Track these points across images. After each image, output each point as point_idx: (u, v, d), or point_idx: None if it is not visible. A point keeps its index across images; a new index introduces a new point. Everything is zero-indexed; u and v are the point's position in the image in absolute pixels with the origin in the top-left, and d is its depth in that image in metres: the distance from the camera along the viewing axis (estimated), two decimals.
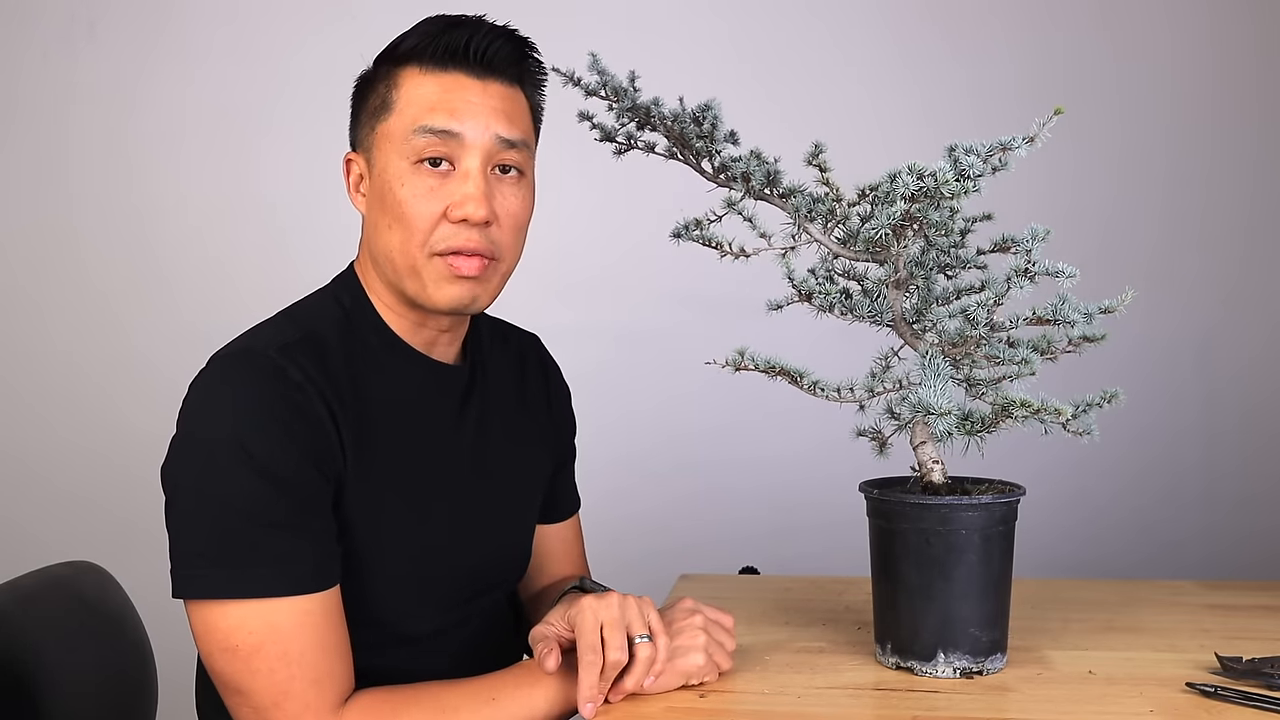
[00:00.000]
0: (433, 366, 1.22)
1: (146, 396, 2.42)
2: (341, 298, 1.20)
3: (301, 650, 1.05)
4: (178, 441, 1.08)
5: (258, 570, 1.04)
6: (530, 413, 1.35)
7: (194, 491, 1.06)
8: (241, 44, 2.41)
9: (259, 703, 1.05)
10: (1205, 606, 1.45)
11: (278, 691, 1.05)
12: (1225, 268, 2.30)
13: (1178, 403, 2.30)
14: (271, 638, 1.04)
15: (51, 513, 2.45)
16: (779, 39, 2.35)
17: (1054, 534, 2.20)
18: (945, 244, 1.22)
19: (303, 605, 1.06)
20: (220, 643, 1.05)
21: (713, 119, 1.21)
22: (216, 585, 1.04)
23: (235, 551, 1.04)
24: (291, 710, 1.05)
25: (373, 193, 1.17)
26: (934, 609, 1.17)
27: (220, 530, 1.04)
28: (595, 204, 2.33)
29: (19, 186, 2.46)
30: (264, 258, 2.35)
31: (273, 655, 1.04)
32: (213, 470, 1.05)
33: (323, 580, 1.08)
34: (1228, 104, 2.30)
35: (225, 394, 1.07)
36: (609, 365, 2.36)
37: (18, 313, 2.47)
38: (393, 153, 1.14)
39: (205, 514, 1.05)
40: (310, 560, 1.07)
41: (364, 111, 1.19)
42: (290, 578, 1.05)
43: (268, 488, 1.05)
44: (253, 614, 1.04)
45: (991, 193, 1.11)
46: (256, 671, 1.04)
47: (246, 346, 1.11)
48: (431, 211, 1.13)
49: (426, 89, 1.14)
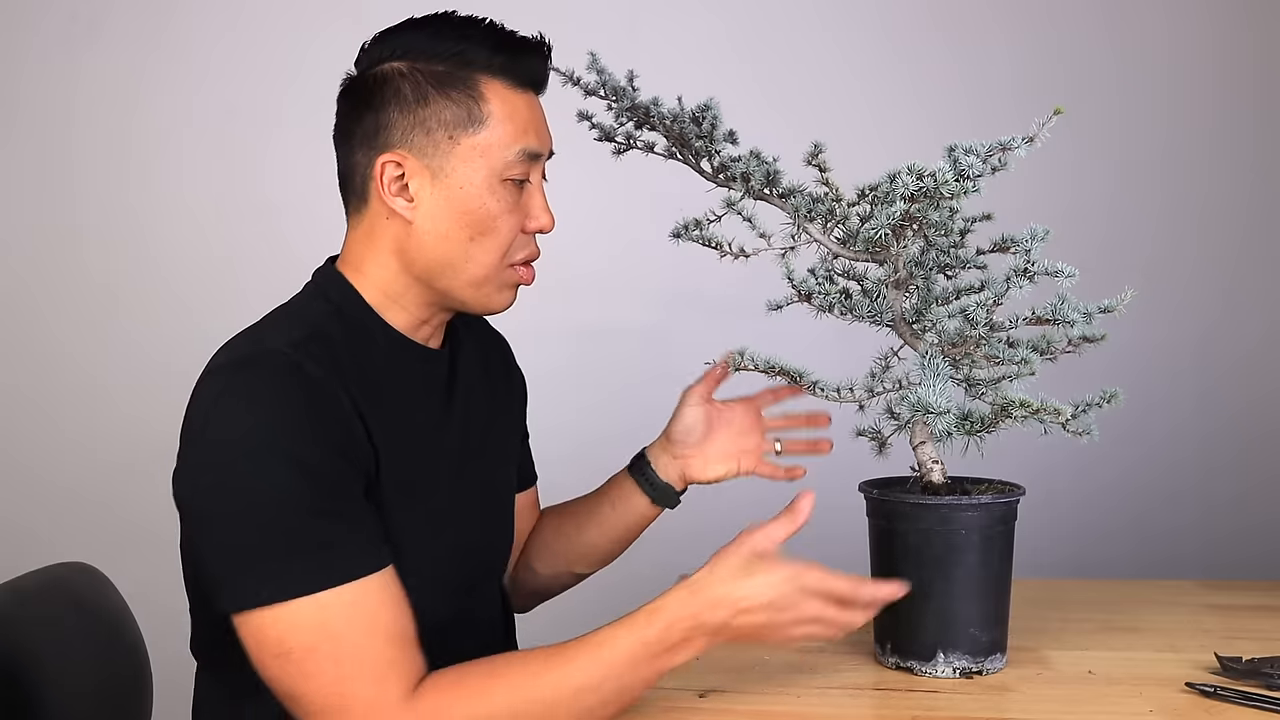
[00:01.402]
0: (426, 354, 1.23)
1: (147, 397, 2.42)
2: (329, 295, 1.18)
3: (356, 644, 1.02)
4: (194, 453, 1.05)
5: (302, 565, 1.01)
6: (495, 385, 1.36)
7: (223, 498, 1.03)
8: (243, 44, 2.41)
9: (319, 707, 1.02)
10: (1205, 606, 1.45)
11: (336, 693, 1.01)
12: (1224, 267, 2.30)
13: (1177, 403, 2.30)
14: (324, 636, 1.01)
15: (49, 513, 2.45)
16: (778, 39, 2.35)
17: (1054, 534, 2.20)
18: (945, 244, 1.22)
19: (353, 594, 1.02)
20: (273, 649, 1.02)
21: (712, 119, 1.21)
22: (263, 591, 1.01)
23: (278, 550, 1.01)
24: (355, 709, 1.01)
25: (441, 201, 1.14)
26: (933, 609, 1.17)
27: (258, 532, 1.02)
28: (595, 204, 2.33)
29: (20, 186, 2.46)
30: (266, 257, 2.35)
31: (326, 656, 1.01)
32: (241, 472, 1.02)
33: (370, 563, 1.04)
34: (1227, 104, 2.29)
35: (241, 395, 1.05)
36: (609, 365, 2.36)
37: (18, 312, 2.47)
38: (484, 166, 1.14)
39: (239, 520, 1.02)
40: (353, 545, 1.04)
41: (421, 115, 1.14)
42: (336, 567, 1.02)
43: (300, 479, 1.02)
44: (303, 613, 1.01)
45: (991, 192, 1.11)
46: (311, 675, 1.01)
47: (257, 348, 1.09)
48: (515, 224, 1.17)
49: (518, 108, 1.16)
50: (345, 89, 1.20)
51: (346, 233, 1.21)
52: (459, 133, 1.14)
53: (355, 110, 1.18)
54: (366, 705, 1.02)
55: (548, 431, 1.46)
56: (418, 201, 1.15)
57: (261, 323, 1.16)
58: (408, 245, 1.16)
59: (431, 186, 1.14)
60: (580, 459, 1.61)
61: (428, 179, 1.14)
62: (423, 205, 1.15)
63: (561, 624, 1.47)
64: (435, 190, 1.14)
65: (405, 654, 1.04)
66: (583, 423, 2.25)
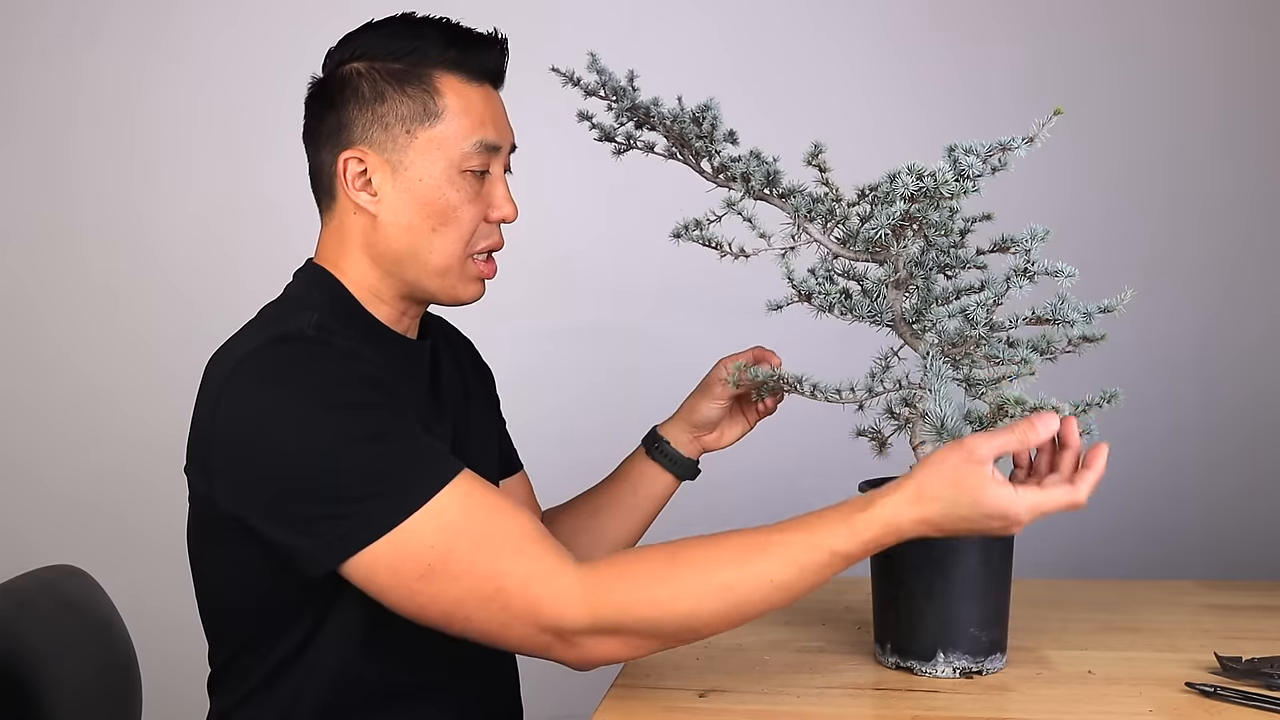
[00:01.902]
0: (410, 345, 1.26)
1: (146, 399, 2.42)
2: (320, 290, 1.21)
3: (484, 529, 1.03)
4: (247, 442, 1.06)
5: (411, 477, 1.03)
6: (469, 379, 1.38)
7: (299, 465, 1.04)
8: (243, 43, 2.41)
9: (481, 601, 1.02)
10: (1205, 606, 1.45)
11: (489, 582, 1.02)
12: (1224, 268, 2.30)
13: (1177, 401, 2.30)
14: (450, 536, 1.02)
15: (42, 516, 2.44)
16: (778, 39, 2.35)
17: (1054, 534, 2.20)
18: (945, 244, 1.22)
19: (459, 489, 1.04)
20: (413, 574, 1.02)
21: (712, 119, 1.21)
22: (378, 518, 1.02)
23: (375, 482, 1.03)
24: (514, 587, 1.02)
25: (403, 194, 1.18)
26: (933, 609, 1.17)
27: (348, 476, 1.03)
28: (594, 204, 2.33)
29: (20, 186, 2.46)
30: (267, 257, 2.33)
31: (462, 552, 1.02)
32: (306, 431, 1.04)
33: (455, 461, 1.07)
34: (1228, 103, 2.29)
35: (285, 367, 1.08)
36: (609, 365, 2.36)
37: (16, 314, 2.46)
38: (443, 159, 1.18)
39: (324, 475, 1.03)
40: (436, 450, 1.07)
41: (379, 111, 1.18)
42: (432, 472, 1.04)
43: (362, 412, 1.05)
44: (425, 526, 1.02)
45: (991, 193, 1.11)
46: (458, 576, 1.02)
47: (282, 330, 1.11)
48: (477, 214, 1.20)
49: (474, 101, 1.20)
50: (311, 91, 1.24)
51: (320, 231, 1.25)
52: (416, 127, 1.18)
53: (319, 111, 1.22)
54: (525, 578, 1.02)
55: (547, 431, 1.47)
56: (380, 195, 1.19)
57: (266, 319, 1.18)
58: (375, 238, 1.20)
59: (393, 180, 1.18)
60: (580, 459, 1.61)
61: (389, 173, 1.18)
62: (386, 198, 1.19)
63: None
64: (396, 183, 1.18)
65: (538, 527, 1.06)
66: (583, 423, 2.26)
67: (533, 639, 1.04)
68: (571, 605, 1.02)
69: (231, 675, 1.19)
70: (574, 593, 1.02)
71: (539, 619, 1.02)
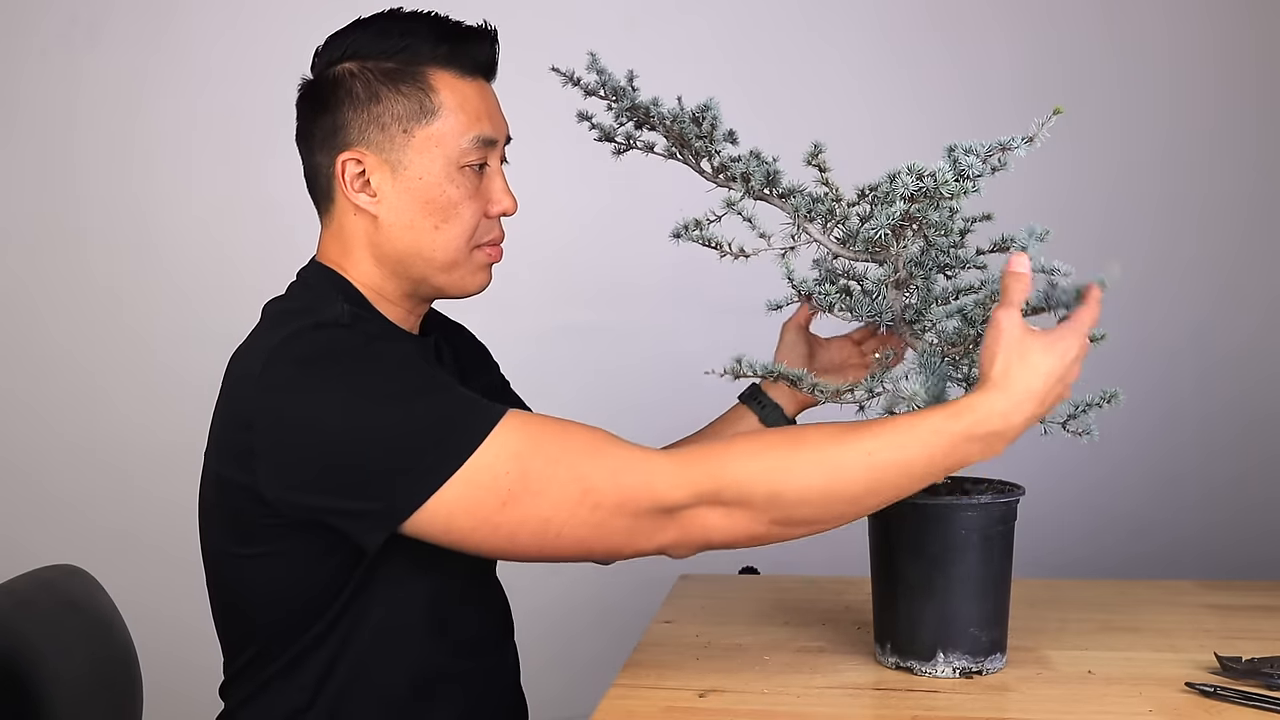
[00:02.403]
0: (421, 342, 1.26)
1: (149, 401, 2.42)
2: (333, 288, 1.20)
3: (555, 443, 1.04)
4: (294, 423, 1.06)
5: (466, 419, 1.05)
6: (465, 362, 1.38)
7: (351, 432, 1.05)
8: (243, 44, 2.41)
9: (570, 509, 1.03)
10: (1205, 606, 1.45)
11: (576, 483, 1.02)
12: (1222, 267, 2.30)
13: (1175, 400, 2.30)
14: (524, 459, 1.03)
15: (43, 517, 2.44)
16: (778, 39, 2.35)
17: (1053, 534, 2.20)
18: (945, 244, 1.22)
19: (516, 420, 1.05)
20: (494, 504, 1.02)
21: (712, 119, 1.21)
22: (443, 461, 1.03)
23: (431, 433, 1.04)
24: (602, 483, 1.03)
25: (403, 193, 1.18)
26: (933, 609, 1.17)
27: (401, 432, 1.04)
28: (594, 204, 2.33)
29: (22, 188, 2.46)
30: (269, 257, 2.33)
31: (540, 466, 1.03)
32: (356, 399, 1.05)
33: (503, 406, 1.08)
34: (1227, 103, 2.29)
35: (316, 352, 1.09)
36: (609, 365, 2.36)
37: (18, 315, 2.47)
38: (441, 156, 1.18)
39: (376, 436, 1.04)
40: (479, 397, 1.08)
41: (374, 111, 1.17)
42: (486, 411, 1.05)
43: (409, 373, 1.08)
44: (492, 459, 1.03)
45: (991, 193, 1.11)
46: (541, 491, 1.02)
47: (314, 319, 1.12)
48: (478, 209, 1.21)
49: (468, 96, 1.20)
50: (302, 93, 1.24)
51: (320, 233, 1.25)
52: (413, 125, 1.18)
53: (312, 113, 1.22)
54: (612, 472, 1.03)
55: None
56: (380, 195, 1.19)
57: (288, 313, 1.17)
58: (377, 239, 1.20)
59: (392, 180, 1.18)
60: None
61: (388, 173, 1.18)
62: (386, 199, 1.19)
63: (561, 621, 1.48)
64: (396, 183, 1.18)
65: (607, 432, 1.07)
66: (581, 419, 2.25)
67: (631, 529, 1.04)
68: (666, 480, 1.03)
69: (249, 671, 1.19)
70: (666, 469, 1.03)
71: (637, 504, 1.03)
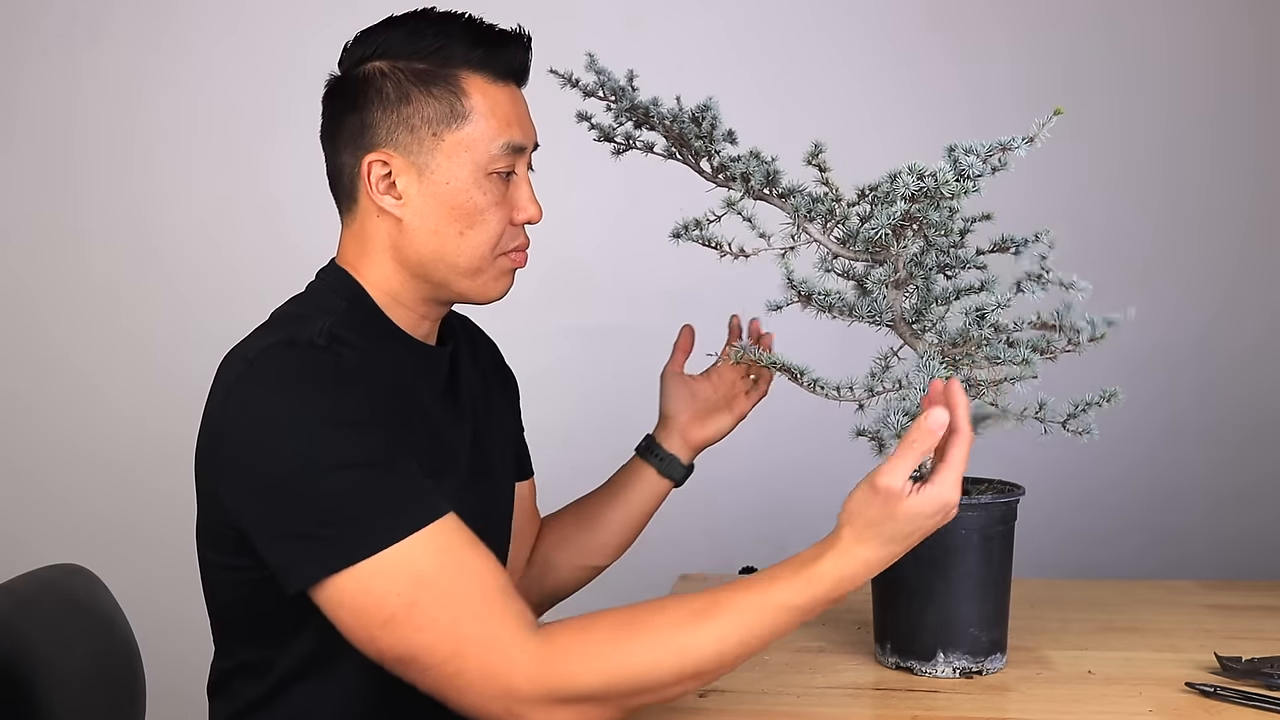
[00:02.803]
0: (430, 352, 1.24)
1: (148, 400, 2.42)
2: (340, 294, 1.19)
3: (453, 586, 1.02)
4: (241, 445, 1.06)
5: (384, 517, 1.01)
6: (491, 383, 1.37)
7: (284, 477, 1.03)
8: (244, 43, 2.41)
9: (439, 659, 1.01)
10: (1205, 606, 1.45)
11: (450, 641, 1.01)
12: (1225, 266, 2.30)
13: (1176, 400, 2.30)
14: (419, 586, 1.00)
15: (44, 516, 2.44)
16: (778, 38, 2.35)
17: (1054, 534, 2.20)
18: (945, 244, 1.22)
19: (435, 538, 1.02)
20: (376, 618, 1.01)
21: (711, 119, 1.21)
22: (351, 547, 1.00)
23: (354, 510, 1.01)
24: (471, 652, 1.00)
25: (429, 197, 1.16)
26: (934, 609, 1.17)
27: (329, 499, 1.02)
28: (594, 204, 2.33)
29: (21, 188, 2.45)
30: (268, 257, 2.34)
31: (429, 605, 1.00)
32: (294, 446, 1.03)
33: (441, 505, 1.05)
34: (1227, 102, 2.29)
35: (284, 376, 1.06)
36: (609, 365, 2.36)
37: (18, 314, 2.46)
38: (469, 161, 1.16)
39: (306, 493, 1.02)
40: (420, 491, 1.05)
41: (404, 113, 1.15)
42: (411, 513, 1.02)
43: (354, 436, 1.04)
44: (395, 568, 1.00)
45: (991, 193, 1.11)
46: (421, 628, 1.00)
47: (291, 336, 1.10)
48: (503, 217, 1.19)
49: (500, 102, 1.17)
50: (329, 90, 1.22)
51: (341, 232, 1.23)
52: (442, 129, 1.16)
53: (339, 111, 1.19)
54: (484, 644, 1.01)
55: (546, 431, 1.46)
56: (406, 199, 1.17)
57: (281, 319, 1.17)
58: (400, 242, 1.18)
59: (419, 183, 1.16)
60: (580, 458, 1.61)
61: (414, 176, 1.16)
62: (411, 202, 1.17)
63: None
64: (423, 187, 1.16)
65: (506, 592, 1.04)
66: (583, 422, 2.25)
67: (486, 705, 1.02)
68: (526, 674, 1.00)
69: (232, 687, 1.18)
70: (529, 665, 1.01)
71: (495, 686, 1.01)
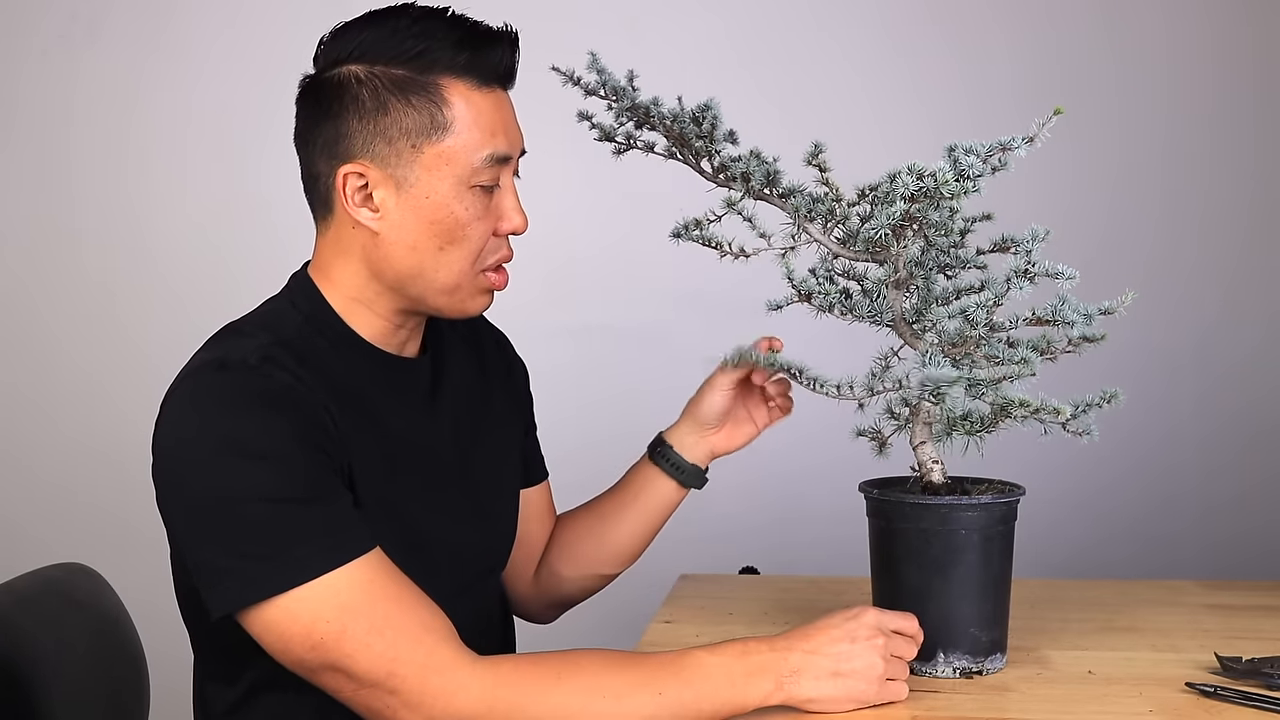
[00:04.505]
0: (399, 363, 1.20)
1: (144, 396, 2.40)
2: (299, 304, 1.16)
3: (386, 614, 1.01)
4: (166, 462, 1.05)
5: (301, 551, 1.00)
6: (494, 384, 1.34)
7: (202, 502, 1.02)
8: (241, 43, 2.41)
9: (372, 681, 1.00)
10: (1205, 606, 1.45)
11: (385, 666, 1.00)
12: (1225, 267, 2.30)
13: (1176, 402, 2.30)
14: (350, 615, 1.00)
15: (45, 513, 2.44)
16: (778, 38, 2.35)
17: (1054, 534, 2.20)
18: (945, 244, 1.22)
19: (364, 570, 1.01)
20: (303, 643, 1.00)
21: (712, 119, 1.21)
22: (265, 582, 1.00)
23: (270, 543, 1.00)
24: (409, 674, 1.00)
25: (407, 211, 1.11)
26: (934, 609, 1.17)
27: (244, 530, 1.00)
28: (594, 204, 2.33)
29: (19, 185, 2.45)
30: (264, 257, 2.33)
31: (361, 631, 1.00)
32: (217, 472, 1.02)
33: (369, 539, 1.04)
34: (1227, 103, 2.29)
35: (207, 400, 1.05)
36: (609, 365, 2.36)
37: (16, 311, 2.46)
38: (450, 175, 1.11)
39: (222, 521, 1.01)
40: (347, 524, 1.03)
41: (381, 124, 1.10)
42: (339, 547, 1.01)
43: (272, 469, 1.01)
44: (319, 600, 0.99)
45: (991, 193, 1.11)
46: (353, 654, 1.00)
47: (223, 356, 1.07)
48: (487, 230, 1.15)
49: (484, 110, 1.12)
50: (303, 91, 1.16)
51: (316, 238, 1.19)
52: (422, 141, 1.10)
53: (314, 117, 1.14)
54: (420, 669, 1.00)
55: (547, 431, 1.46)
56: (383, 212, 1.12)
57: (224, 335, 1.14)
58: (375, 255, 1.14)
59: (397, 197, 1.11)
60: (580, 458, 1.61)
61: (392, 189, 1.11)
62: (389, 216, 1.12)
63: (561, 620, 1.47)
64: (401, 200, 1.11)
65: (438, 618, 1.03)
66: (583, 422, 2.25)
67: None
68: (469, 697, 1.00)
69: (206, 693, 1.18)
70: (471, 687, 1.01)
71: (434, 708, 1.01)
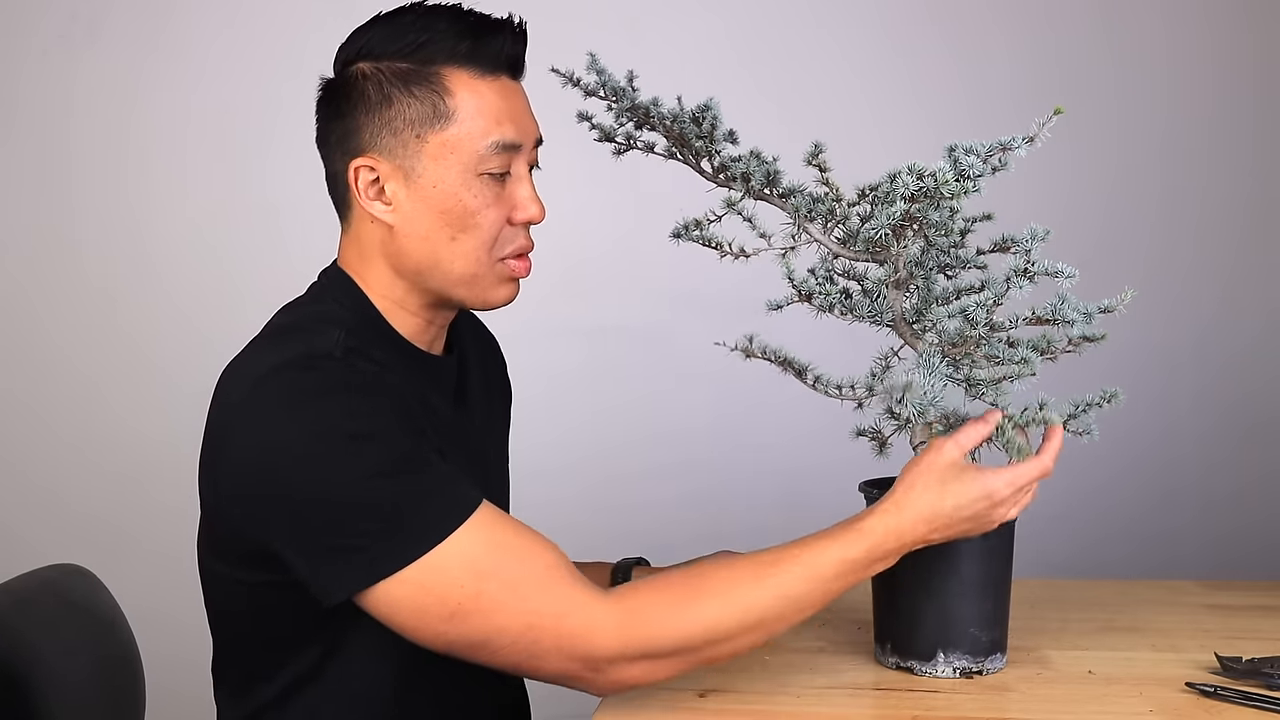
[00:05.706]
0: (433, 361, 1.22)
1: (144, 401, 2.42)
2: (344, 303, 1.17)
3: (513, 567, 1.02)
4: (260, 473, 1.05)
5: (422, 517, 1.02)
6: (494, 387, 1.36)
7: (313, 496, 1.03)
8: (241, 43, 2.41)
9: (511, 637, 1.02)
10: (1205, 606, 1.45)
11: (522, 616, 1.02)
12: (1223, 267, 2.30)
13: (1175, 401, 2.30)
14: (481, 576, 1.01)
15: (43, 517, 2.43)
16: (778, 38, 2.35)
17: (1054, 534, 2.20)
18: (945, 244, 1.22)
19: (483, 525, 1.03)
20: (439, 613, 1.02)
21: (712, 119, 1.21)
22: (395, 555, 1.01)
23: (390, 517, 1.01)
24: (546, 624, 1.02)
25: (418, 202, 1.13)
26: (933, 608, 1.17)
27: (362, 511, 1.02)
28: (594, 204, 2.33)
29: (19, 187, 2.45)
30: (266, 260, 2.34)
31: (495, 589, 1.01)
32: (319, 464, 1.02)
33: (477, 490, 1.05)
34: (1226, 103, 2.29)
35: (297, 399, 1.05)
36: (609, 365, 2.36)
37: (15, 315, 2.46)
38: (457, 163, 1.12)
39: (338, 509, 1.02)
40: (457, 482, 1.05)
41: (386, 116, 1.12)
42: (456, 502, 1.03)
43: (380, 445, 1.03)
44: (449, 564, 1.01)
45: (991, 193, 1.11)
46: (490, 613, 1.01)
47: (307, 350, 1.08)
48: (499, 218, 1.15)
49: (488, 98, 1.13)
50: (320, 95, 1.19)
51: (340, 238, 1.21)
52: (426, 130, 1.12)
53: (328, 117, 1.18)
54: (557, 615, 1.02)
55: (548, 430, 1.46)
56: (395, 204, 1.14)
57: (285, 331, 1.15)
58: (392, 248, 1.15)
59: (406, 188, 1.13)
60: (580, 458, 1.61)
61: (401, 180, 1.13)
62: (400, 207, 1.14)
63: None
64: (410, 191, 1.13)
65: (555, 553, 1.06)
66: (583, 422, 2.25)
67: (564, 668, 1.05)
68: (605, 634, 1.03)
69: (240, 693, 1.17)
70: (606, 622, 1.03)
71: (574, 650, 1.03)
